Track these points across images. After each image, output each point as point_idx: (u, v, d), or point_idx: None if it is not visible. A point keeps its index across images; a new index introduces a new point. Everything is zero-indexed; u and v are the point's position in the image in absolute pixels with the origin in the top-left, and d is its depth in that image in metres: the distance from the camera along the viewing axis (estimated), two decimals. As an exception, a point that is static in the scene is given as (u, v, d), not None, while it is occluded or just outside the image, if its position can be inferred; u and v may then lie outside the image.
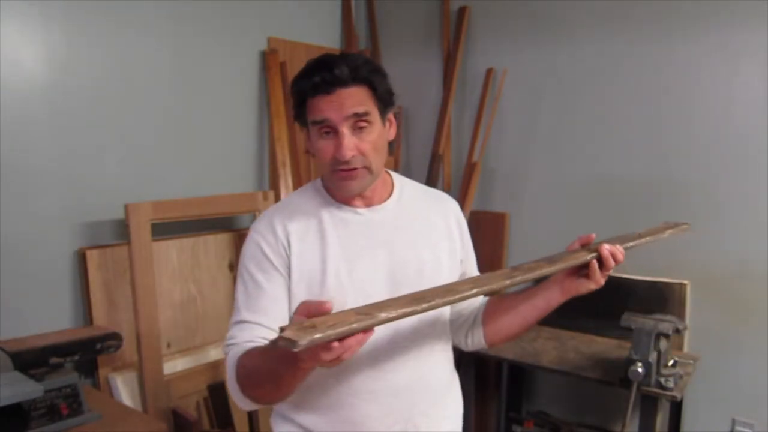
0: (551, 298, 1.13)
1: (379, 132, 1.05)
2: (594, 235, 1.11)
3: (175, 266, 2.21)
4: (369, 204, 1.11)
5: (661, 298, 2.26)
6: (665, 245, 2.27)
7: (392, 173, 1.19)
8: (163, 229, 2.16)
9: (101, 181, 2.05)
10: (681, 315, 2.20)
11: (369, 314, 0.73)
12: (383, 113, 1.06)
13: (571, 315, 2.46)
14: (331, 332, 0.67)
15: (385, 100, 1.06)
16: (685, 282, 2.23)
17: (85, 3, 1.98)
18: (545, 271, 0.99)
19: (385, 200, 1.13)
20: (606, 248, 1.06)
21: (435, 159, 2.76)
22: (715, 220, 2.17)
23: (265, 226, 1.08)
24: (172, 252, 2.20)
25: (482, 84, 2.67)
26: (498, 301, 1.20)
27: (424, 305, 0.79)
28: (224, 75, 2.45)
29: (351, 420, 1.05)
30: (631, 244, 1.11)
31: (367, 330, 0.72)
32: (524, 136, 2.61)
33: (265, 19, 2.59)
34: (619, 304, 2.22)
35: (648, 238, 1.16)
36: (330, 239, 1.06)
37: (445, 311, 1.18)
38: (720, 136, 2.15)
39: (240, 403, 0.97)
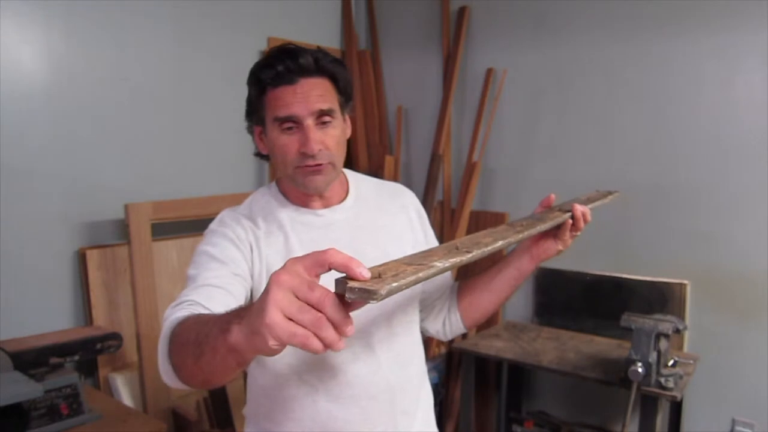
0: (522, 266, 1.12)
1: (341, 128, 1.03)
2: (554, 196, 1.13)
3: (175, 266, 2.20)
4: (328, 204, 1.08)
5: (661, 298, 2.26)
6: (665, 245, 2.29)
7: (345, 171, 1.15)
8: (163, 229, 2.16)
9: (101, 181, 2.05)
10: (681, 315, 2.20)
11: (423, 264, 0.64)
12: (344, 108, 1.05)
13: (571, 315, 2.47)
14: (403, 281, 0.57)
15: (346, 94, 1.04)
16: (685, 282, 2.23)
17: (86, 3, 1.98)
18: (540, 227, 0.98)
19: (343, 199, 1.11)
20: (579, 208, 1.06)
21: (435, 159, 2.76)
22: (715, 220, 2.17)
23: (233, 220, 1.04)
24: (172, 252, 2.20)
25: (482, 84, 2.67)
26: (470, 282, 1.20)
27: (468, 255, 0.72)
28: (224, 75, 2.44)
29: (330, 428, 1.02)
30: (591, 206, 1.12)
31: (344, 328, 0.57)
32: (524, 136, 2.61)
33: (265, 19, 2.59)
34: (619, 304, 2.22)
35: (597, 203, 1.18)
36: (293, 244, 1.02)
37: (417, 307, 1.17)
38: (720, 136, 2.15)
39: (163, 370, 0.81)
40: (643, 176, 2.30)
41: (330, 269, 0.57)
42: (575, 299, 2.44)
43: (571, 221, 1.06)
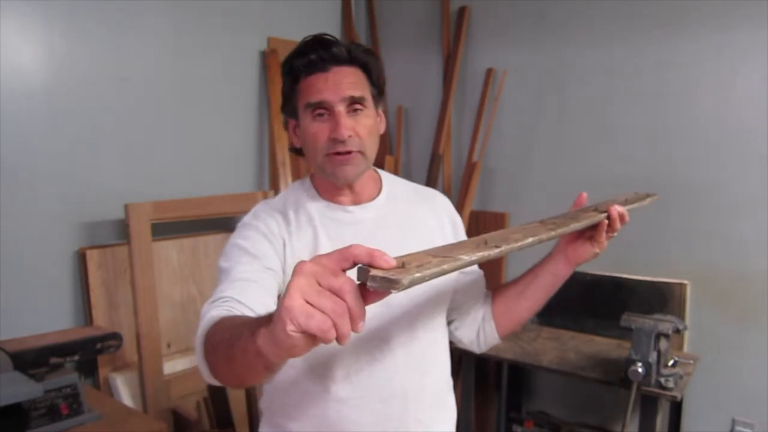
0: (557, 271, 1.09)
1: (373, 118, 1.03)
2: (585, 194, 1.09)
3: (175, 266, 2.20)
4: (358, 201, 1.08)
5: (661, 298, 2.26)
6: (665, 245, 2.29)
7: (380, 171, 1.15)
8: (163, 229, 2.16)
9: (101, 181, 2.05)
10: (681, 315, 2.20)
11: (449, 257, 0.61)
12: (376, 100, 1.05)
13: (571, 315, 2.47)
14: (426, 272, 0.55)
15: (378, 86, 1.05)
16: (685, 282, 2.23)
17: (86, 3, 1.98)
18: (574, 226, 0.93)
19: (374, 198, 1.10)
20: (615, 209, 1.01)
21: (435, 159, 2.76)
22: (715, 220, 2.17)
23: (267, 213, 1.04)
24: (172, 252, 2.20)
25: (482, 84, 2.67)
26: (504, 290, 1.17)
27: (497, 250, 0.69)
28: (224, 75, 2.45)
29: (339, 428, 1.01)
30: (629, 207, 1.07)
31: (358, 321, 0.55)
32: (524, 136, 2.61)
33: (265, 19, 2.59)
34: (619, 304, 2.22)
35: (635, 204, 1.12)
36: (321, 239, 1.02)
37: (443, 314, 1.14)
38: (720, 136, 2.15)
39: (200, 367, 0.81)
40: (643, 176, 2.30)
41: (355, 264, 0.56)
42: (575, 299, 2.44)
43: (606, 222, 1.02)
